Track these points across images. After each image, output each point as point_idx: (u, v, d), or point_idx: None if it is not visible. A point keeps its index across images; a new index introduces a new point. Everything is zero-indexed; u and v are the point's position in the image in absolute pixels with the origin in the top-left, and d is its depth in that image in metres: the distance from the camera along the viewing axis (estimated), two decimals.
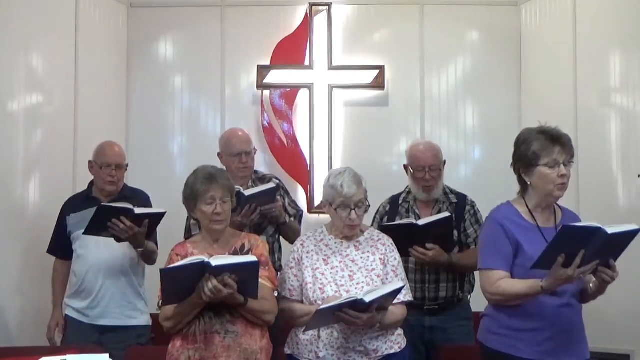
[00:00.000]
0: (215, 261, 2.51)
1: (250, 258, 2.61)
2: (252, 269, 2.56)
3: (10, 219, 3.82)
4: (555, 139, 2.53)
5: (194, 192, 2.74)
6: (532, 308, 2.51)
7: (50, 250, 3.65)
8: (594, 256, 2.33)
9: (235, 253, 2.74)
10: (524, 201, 2.61)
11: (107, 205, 3.35)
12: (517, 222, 2.57)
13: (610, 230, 2.27)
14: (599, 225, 2.28)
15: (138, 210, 3.28)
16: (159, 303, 2.68)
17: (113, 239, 3.34)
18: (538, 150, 2.52)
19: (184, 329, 2.65)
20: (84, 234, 3.43)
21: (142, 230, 3.29)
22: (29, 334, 3.79)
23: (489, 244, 2.62)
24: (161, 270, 2.54)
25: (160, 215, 3.36)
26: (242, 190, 3.36)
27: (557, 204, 2.65)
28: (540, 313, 2.51)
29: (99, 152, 3.59)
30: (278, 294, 2.87)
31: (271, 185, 3.50)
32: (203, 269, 2.50)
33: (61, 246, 3.59)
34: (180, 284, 2.55)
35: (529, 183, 2.58)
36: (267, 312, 2.71)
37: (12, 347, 3.45)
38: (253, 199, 3.33)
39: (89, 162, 3.60)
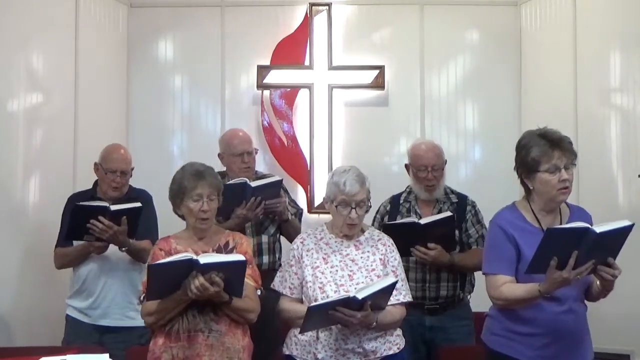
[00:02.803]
0: (204, 259, 2.51)
1: (238, 257, 2.61)
2: (239, 267, 2.57)
3: (11, 219, 3.82)
4: (555, 144, 2.51)
5: (181, 188, 2.73)
6: (532, 313, 2.51)
7: (58, 245, 3.57)
8: (590, 256, 2.31)
9: (219, 250, 2.74)
10: (528, 204, 2.60)
11: (82, 204, 3.32)
12: (520, 226, 2.56)
13: (599, 229, 2.25)
14: (587, 225, 2.27)
15: (114, 207, 3.27)
16: (141, 297, 2.67)
17: (96, 241, 3.32)
18: (537, 157, 2.50)
19: (165, 325, 2.63)
20: (65, 239, 3.42)
21: (122, 229, 3.27)
22: (29, 334, 3.79)
23: (492, 248, 2.62)
24: (149, 266, 2.54)
25: (138, 210, 3.34)
26: (248, 181, 3.35)
27: (566, 202, 2.63)
28: (540, 319, 2.51)
29: (105, 156, 3.55)
30: (261, 292, 2.84)
31: (277, 177, 3.51)
32: (191, 266, 2.50)
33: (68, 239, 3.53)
34: (167, 280, 2.54)
35: (531, 188, 2.57)
36: (250, 311, 2.71)
37: (12, 347, 3.45)
38: (259, 191, 3.33)
39: (95, 163, 3.58)
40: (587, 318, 2.65)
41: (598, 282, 2.51)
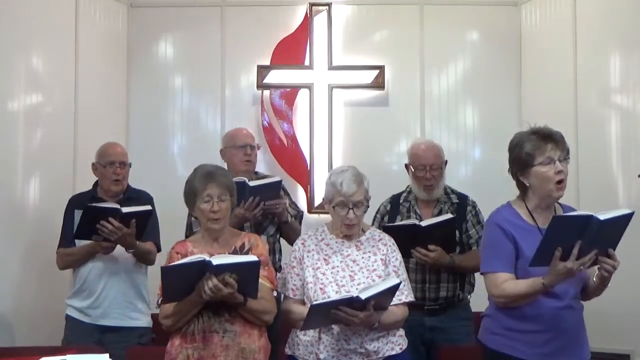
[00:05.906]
0: (216, 260, 2.51)
1: (251, 258, 2.61)
2: (252, 268, 2.57)
3: (11, 218, 3.82)
4: (547, 137, 2.53)
5: (192, 190, 2.74)
6: (531, 310, 2.51)
7: (61, 246, 3.56)
8: (592, 246, 2.32)
9: (235, 252, 2.74)
10: (523, 203, 2.61)
11: (94, 205, 3.33)
12: (517, 223, 2.56)
13: (602, 216, 2.26)
14: (590, 213, 2.28)
15: (125, 209, 3.28)
16: (158, 301, 2.68)
17: (104, 241, 3.33)
18: (531, 150, 2.52)
19: (183, 327, 2.65)
20: (74, 237, 3.42)
21: (131, 231, 3.28)
22: (29, 334, 3.79)
23: (490, 247, 2.61)
24: (162, 268, 2.55)
25: (148, 213, 3.36)
26: (247, 181, 3.35)
27: (557, 202, 2.64)
28: (540, 315, 2.50)
29: (101, 152, 3.59)
30: (277, 293, 2.86)
31: (277, 178, 3.50)
32: (204, 267, 2.51)
33: (71, 240, 3.51)
34: (181, 282, 2.56)
35: (527, 185, 2.57)
36: (266, 312, 2.71)
37: (12, 347, 3.45)
38: (258, 191, 3.32)
39: (92, 164, 3.59)
40: (584, 317, 2.64)
41: (594, 278, 2.51)
